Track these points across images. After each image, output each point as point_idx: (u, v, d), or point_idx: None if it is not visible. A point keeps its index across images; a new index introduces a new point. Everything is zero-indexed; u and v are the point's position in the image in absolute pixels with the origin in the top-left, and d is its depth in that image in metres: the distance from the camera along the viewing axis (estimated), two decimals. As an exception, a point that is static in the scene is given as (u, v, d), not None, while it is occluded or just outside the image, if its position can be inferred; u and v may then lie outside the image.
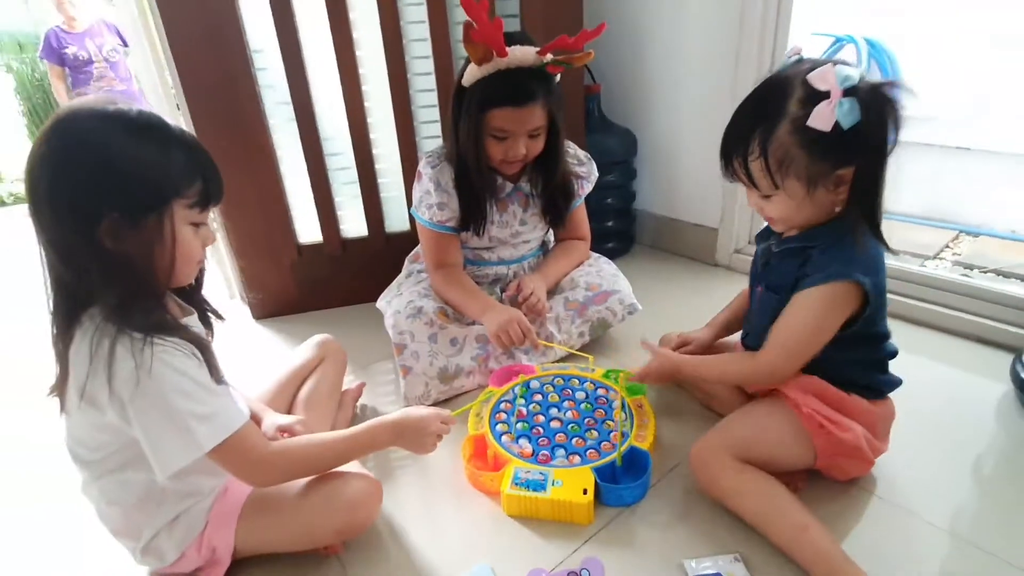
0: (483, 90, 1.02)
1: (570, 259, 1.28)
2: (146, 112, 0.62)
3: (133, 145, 0.59)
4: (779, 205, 0.75)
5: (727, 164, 0.76)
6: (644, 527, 0.82)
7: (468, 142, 1.07)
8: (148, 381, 0.60)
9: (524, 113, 1.03)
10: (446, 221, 1.16)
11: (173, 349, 0.62)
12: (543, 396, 1.04)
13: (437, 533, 0.84)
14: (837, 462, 0.82)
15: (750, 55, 1.43)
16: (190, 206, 0.64)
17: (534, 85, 1.02)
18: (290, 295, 1.51)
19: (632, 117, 1.73)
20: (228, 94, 1.29)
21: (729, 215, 1.61)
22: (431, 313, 1.12)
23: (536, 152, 1.10)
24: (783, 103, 0.69)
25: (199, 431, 0.63)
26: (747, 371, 0.84)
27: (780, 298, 0.79)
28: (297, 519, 0.74)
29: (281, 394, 0.97)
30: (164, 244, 0.62)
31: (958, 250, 1.77)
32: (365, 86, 1.37)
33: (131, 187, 0.60)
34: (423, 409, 0.81)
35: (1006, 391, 1.06)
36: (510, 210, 1.21)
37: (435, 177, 1.15)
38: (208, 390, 0.65)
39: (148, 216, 0.61)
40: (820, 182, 0.71)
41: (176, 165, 0.62)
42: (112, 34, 2.95)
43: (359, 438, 0.76)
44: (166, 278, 0.65)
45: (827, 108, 0.65)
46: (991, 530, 0.79)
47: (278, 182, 1.40)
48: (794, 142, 0.69)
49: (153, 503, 0.71)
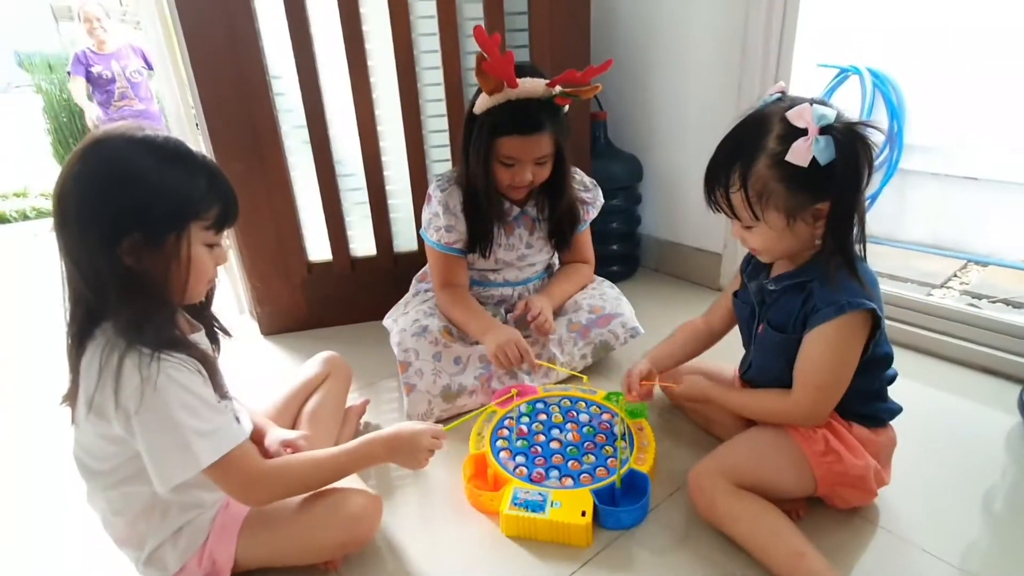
0: (493, 119, 1.06)
1: (575, 282, 1.30)
2: (173, 139, 0.66)
3: (159, 169, 0.63)
4: (761, 236, 0.77)
5: (710, 195, 0.78)
6: (643, 551, 0.82)
7: (478, 168, 1.11)
8: (153, 395, 0.62)
9: (532, 142, 1.07)
10: (453, 243, 1.19)
11: (179, 365, 0.64)
12: (548, 416, 1.05)
13: (435, 551, 0.85)
14: (838, 491, 0.81)
15: (752, 85, 1.46)
16: (207, 228, 0.66)
17: (542, 116, 1.06)
18: (299, 311, 1.54)
19: (637, 144, 1.76)
20: (246, 116, 1.34)
21: (733, 240, 1.62)
22: (436, 332, 1.14)
23: (542, 179, 1.14)
24: (763, 138, 0.71)
25: (199, 446, 0.64)
26: (783, 411, 0.82)
27: (788, 336, 0.80)
28: (298, 532, 0.75)
29: (286, 409, 0.98)
30: (180, 263, 0.64)
31: (966, 279, 1.76)
32: (378, 111, 1.42)
33: (154, 209, 0.63)
34: (416, 424, 0.82)
35: (1015, 423, 1.05)
36: (516, 233, 1.23)
37: (444, 200, 1.18)
38: (211, 407, 0.66)
39: (168, 236, 0.63)
40: (799, 215, 0.73)
41: (198, 190, 0.65)
42: (138, 56, 3.10)
43: (353, 454, 0.76)
44: (179, 296, 0.67)
45: (804, 145, 0.67)
46: (999, 567, 0.77)
47: (291, 201, 1.44)
48: (773, 176, 0.71)
49: (157, 514, 0.72)
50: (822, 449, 0.78)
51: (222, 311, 0.81)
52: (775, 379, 0.83)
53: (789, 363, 0.80)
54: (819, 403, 0.78)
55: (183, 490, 0.70)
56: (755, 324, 0.87)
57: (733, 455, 0.84)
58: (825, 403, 0.78)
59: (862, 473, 0.78)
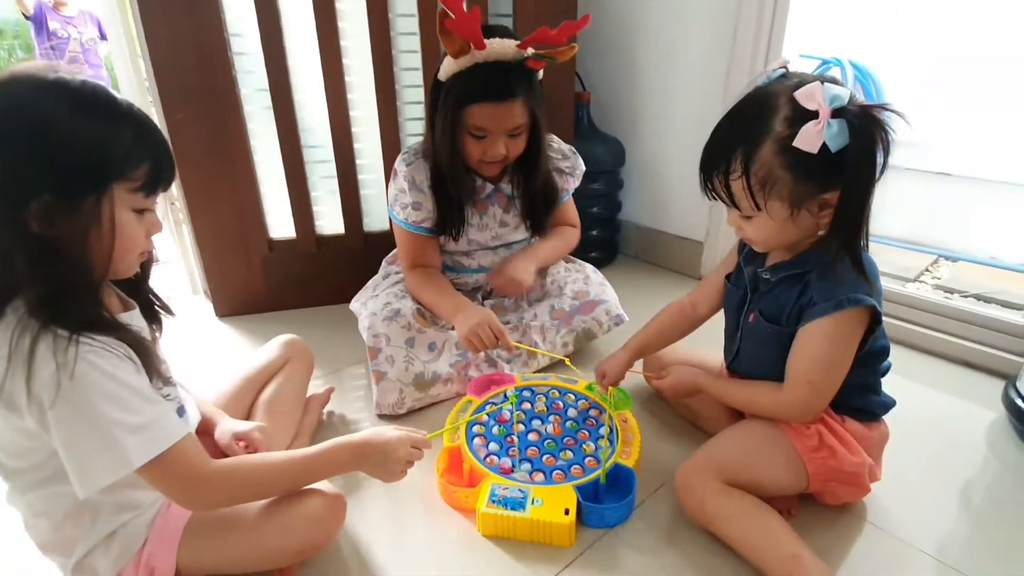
0: (460, 85, 0.97)
1: (561, 240, 1.23)
2: (92, 83, 0.55)
3: (73, 118, 0.53)
4: (760, 227, 0.71)
5: (707, 181, 0.71)
6: (628, 551, 0.77)
7: (444, 140, 1.02)
8: (71, 385, 0.53)
9: (503, 110, 0.98)
10: (421, 222, 1.10)
11: (103, 349, 0.55)
12: (532, 405, 0.99)
13: (405, 553, 0.78)
14: (831, 487, 0.78)
15: (742, 70, 1.41)
16: (135, 190, 0.57)
17: (514, 80, 0.97)
18: (258, 293, 1.43)
19: (621, 127, 1.70)
20: (202, 76, 1.22)
21: (715, 229, 1.59)
22: (409, 316, 1.06)
23: (517, 152, 1.05)
24: (768, 120, 0.65)
25: (129, 444, 0.55)
26: (775, 406, 0.77)
27: (781, 329, 0.75)
28: (249, 538, 0.67)
29: (240, 397, 0.89)
30: (102, 231, 0.55)
31: (938, 274, 1.77)
32: (349, 77, 1.31)
33: (67, 165, 0.53)
34: (392, 431, 0.73)
35: (996, 418, 1.04)
36: (490, 212, 1.15)
37: (410, 175, 1.09)
38: (143, 397, 0.57)
39: (85, 199, 0.54)
40: (804, 205, 0.67)
41: (121, 143, 0.55)
42: (93, 26, 3.26)
43: (315, 461, 0.68)
44: (103, 269, 0.57)
45: (815, 129, 0.61)
46: (987, 561, 0.75)
47: (251, 173, 1.33)
48: (778, 163, 0.65)
49: (86, 517, 0.64)
50: (815, 444, 0.75)
51: (173, 290, 0.72)
52: (767, 371, 0.79)
53: (781, 355, 0.76)
54: (812, 400, 0.74)
55: (114, 490, 0.61)
56: (745, 311, 0.82)
57: (723, 451, 0.79)
58: (818, 400, 0.74)
59: (858, 470, 0.75)
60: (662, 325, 0.97)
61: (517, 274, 1.10)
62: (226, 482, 0.63)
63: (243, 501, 0.67)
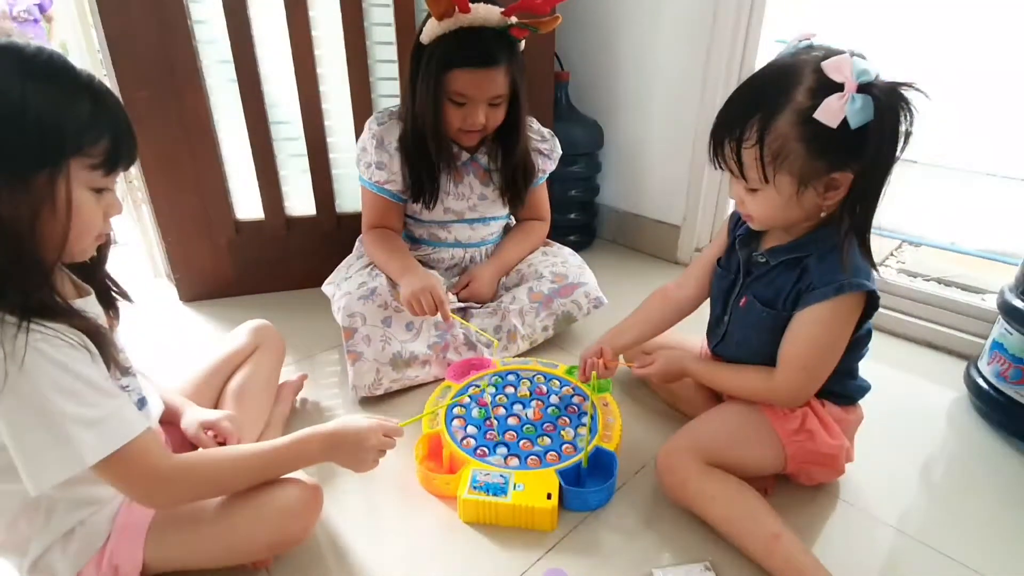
0: (443, 49, 0.95)
1: (527, 241, 1.23)
2: (48, 50, 0.51)
3: (24, 86, 0.48)
4: (764, 202, 0.69)
5: (717, 148, 0.69)
6: (610, 533, 0.77)
7: (425, 104, 1.00)
8: (19, 376, 0.49)
9: (486, 77, 0.97)
10: (384, 183, 1.09)
11: (55, 338, 0.51)
12: (515, 389, 0.98)
13: (383, 542, 0.76)
14: (806, 469, 0.79)
15: (721, 52, 1.41)
16: (93, 167, 0.53)
17: (497, 47, 0.96)
18: (225, 276, 1.37)
19: (600, 108, 1.68)
20: (159, 47, 1.14)
21: (692, 213, 1.59)
22: (385, 294, 1.03)
23: (496, 123, 1.04)
24: (790, 90, 0.63)
25: (82, 439, 0.52)
26: (766, 391, 0.77)
27: (776, 313, 0.75)
28: (220, 531, 0.64)
29: (207, 386, 0.85)
30: (56, 211, 0.51)
31: (902, 258, 1.83)
32: (318, 50, 1.25)
33: (16, 137, 0.48)
34: (363, 419, 0.71)
35: (957, 397, 1.08)
36: (466, 181, 1.13)
37: (379, 135, 1.07)
38: (98, 389, 0.54)
39: (36, 175, 0.49)
40: (812, 183, 0.65)
41: (78, 116, 0.51)
42: None
43: (283, 453, 0.65)
44: (56, 252, 0.53)
45: (838, 102, 0.59)
46: (959, 537, 0.78)
47: (215, 150, 1.26)
48: (794, 134, 0.63)
49: (41, 514, 0.60)
50: (795, 428, 0.76)
51: (134, 273, 0.67)
52: (754, 354, 0.79)
53: (772, 340, 0.76)
54: (804, 385, 0.74)
55: (71, 486, 0.57)
56: (735, 295, 0.82)
57: (705, 433, 0.80)
58: (811, 386, 0.74)
59: (835, 452, 0.76)
60: (649, 315, 0.95)
61: (485, 293, 1.14)
62: (187, 479, 0.60)
63: (206, 498, 0.64)
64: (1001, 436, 0.97)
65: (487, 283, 1.15)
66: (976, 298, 1.33)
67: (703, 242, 1.64)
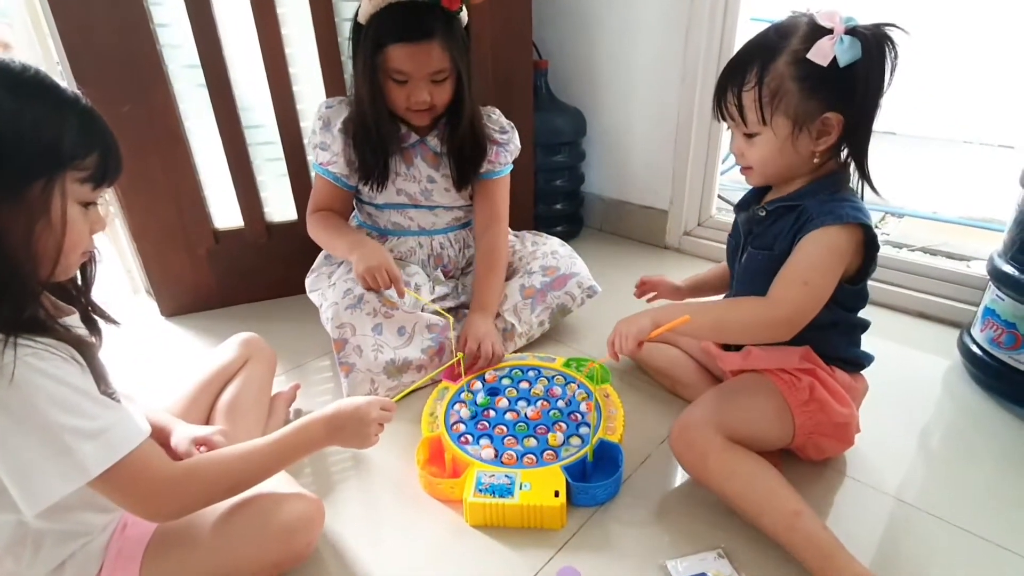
0: (376, 26, 0.94)
1: (498, 268, 1.12)
2: (34, 67, 0.50)
3: (16, 99, 0.48)
4: (762, 147, 0.73)
5: (721, 97, 0.74)
6: (620, 527, 0.76)
7: (364, 84, 0.98)
8: (10, 391, 0.47)
9: (421, 51, 0.95)
10: (326, 164, 1.08)
11: (45, 352, 0.50)
12: (530, 384, 0.97)
13: (391, 552, 0.74)
14: (815, 440, 0.79)
15: (700, 32, 1.39)
16: (83, 180, 0.52)
17: (430, 20, 0.94)
18: (207, 288, 1.33)
19: (581, 96, 1.66)
20: (121, 55, 1.09)
21: (679, 197, 1.58)
22: (373, 300, 1.00)
23: (443, 100, 1.02)
24: (787, 39, 0.69)
25: (83, 451, 0.50)
26: (763, 314, 0.72)
27: (773, 254, 0.75)
28: (219, 554, 0.62)
29: (196, 403, 0.82)
30: (51, 223, 0.50)
31: (887, 230, 1.84)
32: (289, 48, 1.21)
33: (12, 149, 0.47)
34: (358, 398, 0.71)
35: (951, 364, 1.09)
36: (416, 163, 1.11)
37: (326, 116, 1.07)
38: (95, 400, 0.52)
39: (31, 187, 0.48)
40: (806, 124, 0.70)
41: (69, 130, 0.50)
42: None
43: (287, 441, 0.64)
44: (49, 266, 0.52)
45: (828, 42, 0.65)
46: (962, 504, 0.78)
47: (187, 159, 1.22)
48: (789, 74, 0.68)
49: (28, 549, 0.56)
50: (806, 398, 0.75)
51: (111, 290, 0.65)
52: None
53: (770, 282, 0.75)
54: (805, 301, 0.71)
55: (60, 515, 0.55)
56: (739, 257, 0.82)
57: (721, 405, 0.77)
58: (809, 307, 0.71)
59: (847, 421, 0.76)
60: (715, 274, 0.99)
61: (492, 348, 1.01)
62: (195, 482, 0.58)
63: (218, 500, 0.61)
64: (997, 401, 0.98)
65: (490, 336, 1.02)
66: (962, 265, 1.34)
67: (691, 226, 1.63)
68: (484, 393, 0.94)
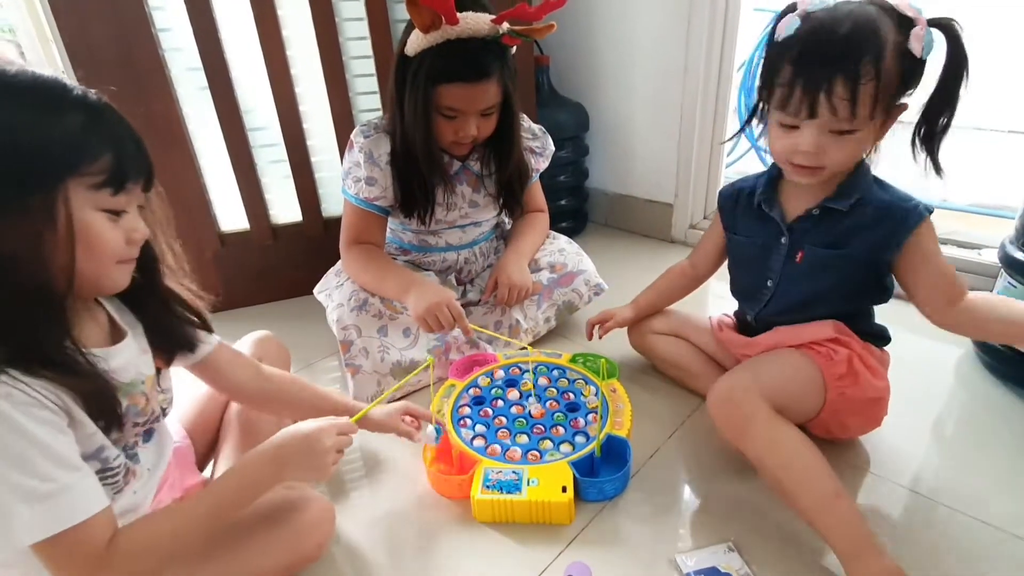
0: (431, 63, 0.89)
1: (540, 231, 1.20)
2: (33, 71, 0.48)
3: (5, 108, 0.45)
4: (853, 145, 0.68)
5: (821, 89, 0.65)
6: (629, 521, 0.76)
7: (415, 121, 0.94)
8: None
9: (478, 90, 0.92)
10: (374, 199, 1.03)
11: (23, 394, 0.45)
12: (551, 381, 0.97)
13: (401, 550, 0.74)
14: (841, 418, 0.78)
15: (702, 23, 1.38)
16: (96, 187, 0.48)
17: (489, 59, 0.90)
18: (213, 291, 1.32)
19: (582, 90, 1.65)
20: (123, 60, 1.10)
21: (684, 190, 1.57)
22: (378, 302, 1.00)
23: (488, 132, 1.00)
24: (881, 28, 0.64)
25: (22, 515, 0.45)
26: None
27: (842, 253, 0.75)
28: (232, 561, 0.61)
29: (205, 410, 0.81)
30: (58, 236, 0.47)
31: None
32: (290, 50, 1.21)
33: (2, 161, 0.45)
34: (310, 423, 0.64)
35: (963, 353, 1.07)
36: (458, 191, 1.08)
37: (367, 148, 1.01)
38: (56, 461, 0.47)
39: (31, 199, 0.46)
40: (890, 117, 0.69)
41: (68, 133, 0.47)
42: None
43: (230, 486, 0.58)
44: (66, 281, 0.49)
45: (920, 32, 0.63)
46: (976, 493, 0.78)
47: (192, 163, 1.22)
48: (895, 67, 0.64)
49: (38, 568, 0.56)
50: (842, 372, 0.74)
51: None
52: (823, 301, 0.78)
53: (841, 281, 0.76)
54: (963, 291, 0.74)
55: None
56: (783, 255, 0.80)
57: (766, 372, 0.75)
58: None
59: (881, 395, 0.76)
60: (669, 285, 1.00)
61: (522, 279, 1.06)
62: (127, 558, 0.51)
63: (174, 557, 0.55)
64: (1010, 389, 0.97)
65: (521, 271, 1.07)
66: (973, 253, 1.32)
67: (697, 219, 1.62)
68: (503, 383, 0.95)
